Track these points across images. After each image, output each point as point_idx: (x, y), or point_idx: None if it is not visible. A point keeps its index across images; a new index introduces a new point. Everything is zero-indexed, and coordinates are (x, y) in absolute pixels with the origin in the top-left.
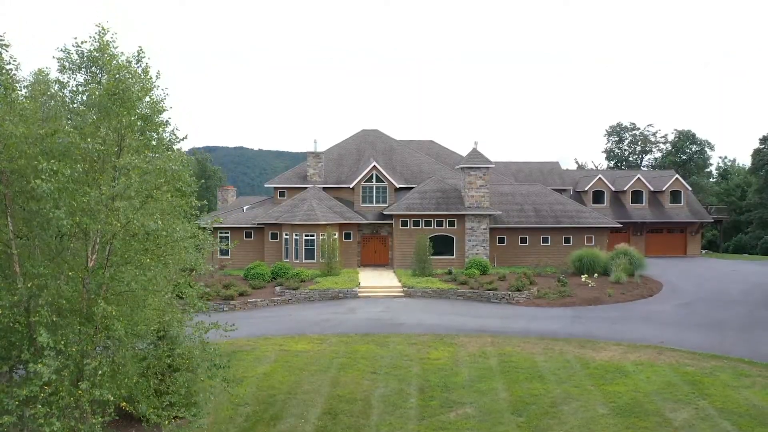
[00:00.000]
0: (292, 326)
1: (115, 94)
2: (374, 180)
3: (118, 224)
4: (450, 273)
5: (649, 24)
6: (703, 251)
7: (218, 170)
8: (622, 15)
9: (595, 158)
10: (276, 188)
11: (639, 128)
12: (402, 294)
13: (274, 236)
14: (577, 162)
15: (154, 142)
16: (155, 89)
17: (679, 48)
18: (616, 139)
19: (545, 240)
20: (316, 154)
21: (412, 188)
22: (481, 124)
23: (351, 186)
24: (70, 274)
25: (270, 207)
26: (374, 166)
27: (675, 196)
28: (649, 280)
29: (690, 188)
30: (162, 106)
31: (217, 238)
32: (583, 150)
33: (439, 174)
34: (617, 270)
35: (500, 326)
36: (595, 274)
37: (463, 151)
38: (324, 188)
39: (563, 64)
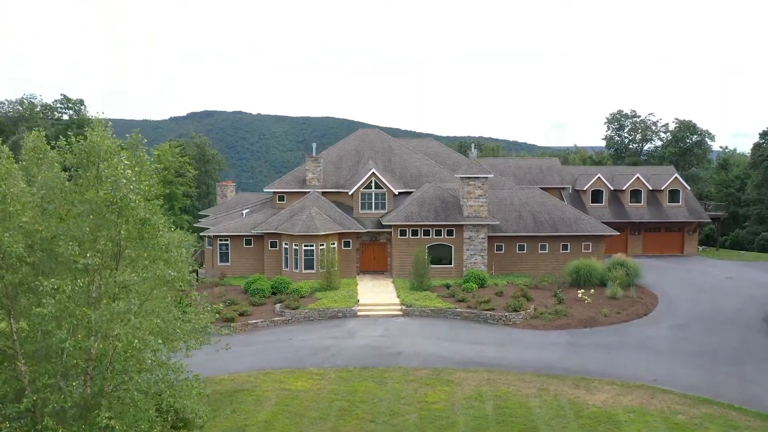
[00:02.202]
0: (292, 356)
1: (113, 203)
2: (373, 186)
3: (120, 344)
4: (448, 287)
5: (650, 19)
6: (701, 248)
7: (217, 154)
8: (622, 11)
9: (595, 142)
10: (275, 193)
11: (640, 116)
12: (400, 313)
13: (273, 245)
14: (576, 146)
15: (152, 244)
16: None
17: (682, 42)
18: (617, 126)
19: (543, 247)
20: (315, 159)
21: (411, 192)
22: (482, 115)
23: (350, 193)
24: (74, 384)
25: (269, 212)
26: (373, 172)
27: (674, 194)
28: (645, 292)
29: (689, 188)
30: (157, 190)
31: (217, 248)
32: (584, 133)
33: (438, 177)
34: (613, 285)
35: (496, 357)
36: (592, 290)
37: (465, 132)
38: (323, 193)
39: (563, 62)
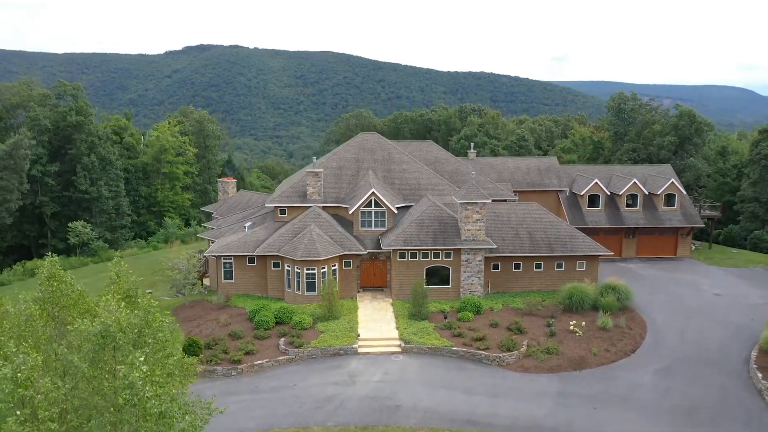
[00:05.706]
0: (296, 411)
1: (132, 405)
2: (373, 205)
3: None
4: (445, 317)
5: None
6: (694, 246)
7: (217, 130)
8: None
9: (594, 77)
10: (276, 207)
11: (640, 99)
12: (399, 350)
13: (276, 265)
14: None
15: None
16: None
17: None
18: (617, 109)
19: (538, 266)
20: (315, 174)
21: (410, 206)
22: (481, 49)
23: (350, 212)
24: None
25: (271, 226)
26: (373, 192)
27: (669, 198)
28: (635, 319)
29: (685, 192)
30: (177, 351)
31: (221, 266)
32: (585, 67)
33: (438, 189)
34: (604, 316)
35: (489, 413)
36: (583, 322)
37: (464, 67)
38: (324, 207)
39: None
